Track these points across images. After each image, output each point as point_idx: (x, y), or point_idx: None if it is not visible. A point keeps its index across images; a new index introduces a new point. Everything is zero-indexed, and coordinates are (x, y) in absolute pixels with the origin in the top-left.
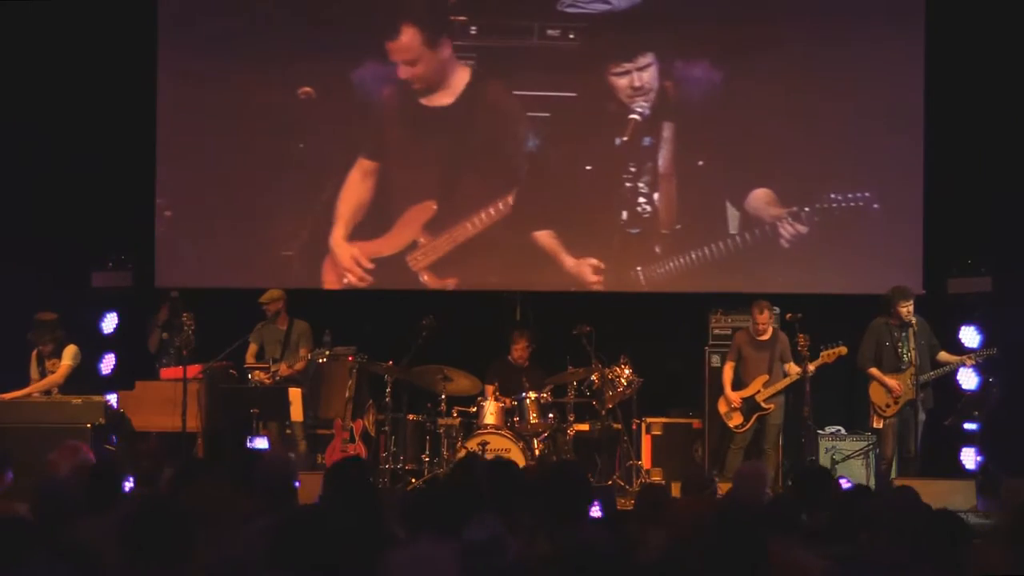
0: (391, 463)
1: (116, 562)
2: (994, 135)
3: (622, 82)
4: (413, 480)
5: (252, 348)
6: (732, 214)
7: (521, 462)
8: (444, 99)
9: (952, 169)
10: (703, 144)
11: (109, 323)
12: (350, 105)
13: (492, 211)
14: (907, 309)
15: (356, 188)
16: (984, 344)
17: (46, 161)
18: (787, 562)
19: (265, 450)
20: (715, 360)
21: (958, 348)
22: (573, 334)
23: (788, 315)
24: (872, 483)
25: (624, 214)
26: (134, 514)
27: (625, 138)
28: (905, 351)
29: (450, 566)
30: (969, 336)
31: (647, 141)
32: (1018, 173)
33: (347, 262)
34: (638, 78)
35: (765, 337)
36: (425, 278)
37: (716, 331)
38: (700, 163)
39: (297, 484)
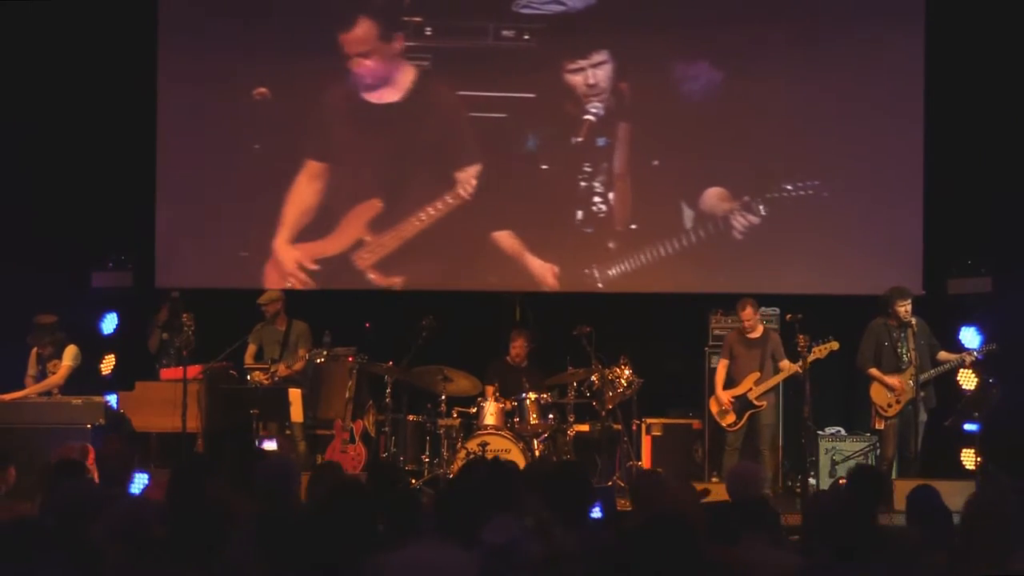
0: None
1: (116, 561)
2: (994, 135)
3: (577, 79)
4: (413, 481)
5: (251, 349)
6: (687, 214)
7: (521, 463)
8: (391, 96)
9: (952, 169)
10: (660, 144)
11: (109, 324)
12: (305, 104)
13: (440, 206)
14: (905, 309)
15: (303, 190)
16: (984, 345)
17: (46, 161)
18: (757, 561)
19: (270, 452)
20: (715, 361)
21: (958, 349)
22: (573, 335)
23: (788, 316)
24: None
25: (579, 213)
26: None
27: (580, 138)
28: (904, 351)
29: (458, 569)
30: (969, 337)
31: (602, 141)
32: (1018, 173)
33: (290, 264)
34: (592, 75)
35: (755, 335)
36: (371, 276)
37: (716, 332)
38: (655, 163)
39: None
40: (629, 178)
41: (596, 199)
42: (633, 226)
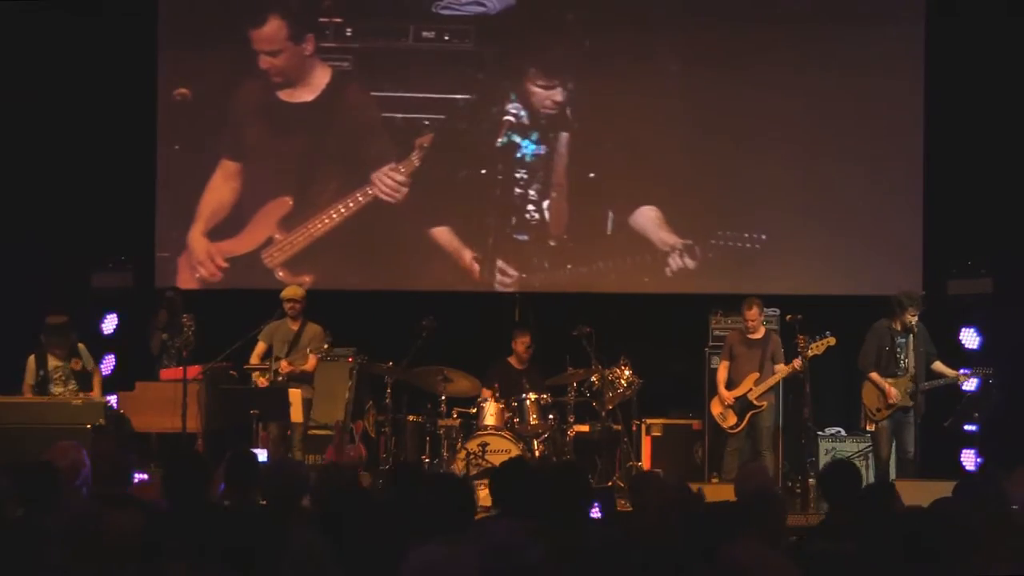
0: (391, 464)
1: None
2: (994, 135)
3: (532, 95)
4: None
5: (260, 347)
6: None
7: None
8: (305, 95)
9: (952, 169)
10: (596, 156)
11: (109, 324)
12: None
13: (351, 204)
14: (914, 318)
15: (218, 189)
16: (984, 346)
17: (47, 162)
18: (756, 562)
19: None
20: (715, 361)
21: (958, 349)
22: (573, 335)
23: (788, 316)
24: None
25: (513, 219)
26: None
27: (502, 139)
28: (903, 357)
29: (466, 567)
30: (969, 338)
31: (541, 149)
32: (1018, 173)
33: (203, 260)
34: (543, 97)
35: (756, 336)
36: (280, 274)
37: (716, 332)
38: (591, 175)
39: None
40: (565, 188)
41: (530, 207)
42: (565, 236)
